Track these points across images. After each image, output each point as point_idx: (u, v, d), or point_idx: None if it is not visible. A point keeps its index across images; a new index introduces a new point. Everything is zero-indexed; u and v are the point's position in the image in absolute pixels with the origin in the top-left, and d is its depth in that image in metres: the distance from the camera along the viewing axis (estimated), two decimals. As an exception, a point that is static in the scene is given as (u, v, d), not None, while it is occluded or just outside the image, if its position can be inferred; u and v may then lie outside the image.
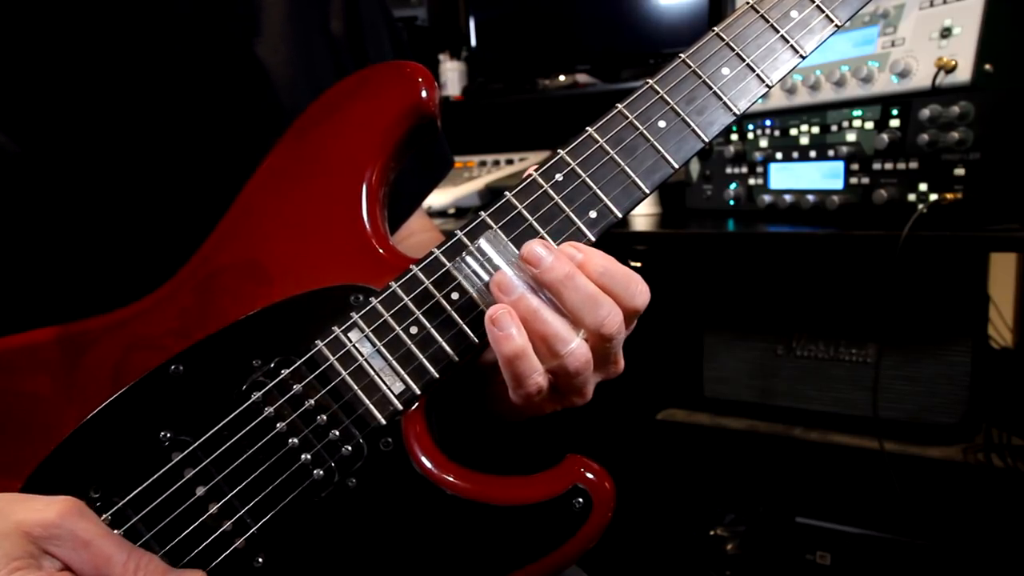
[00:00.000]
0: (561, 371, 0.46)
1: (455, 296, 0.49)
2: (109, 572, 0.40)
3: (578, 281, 0.45)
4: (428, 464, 0.48)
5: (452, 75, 1.83)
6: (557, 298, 0.45)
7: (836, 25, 0.52)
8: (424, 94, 0.51)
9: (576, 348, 0.45)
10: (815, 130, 1.08)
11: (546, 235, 0.49)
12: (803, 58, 0.51)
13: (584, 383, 0.47)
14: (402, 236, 0.72)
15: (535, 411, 0.50)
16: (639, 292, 0.46)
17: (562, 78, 1.70)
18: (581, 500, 0.47)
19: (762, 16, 0.51)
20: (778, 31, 0.51)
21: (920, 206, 0.93)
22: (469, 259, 0.48)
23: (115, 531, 0.44)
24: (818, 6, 0.52)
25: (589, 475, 0.47)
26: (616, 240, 1.22)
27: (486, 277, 0.47)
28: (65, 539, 0.40)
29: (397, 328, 0.48)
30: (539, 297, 0.45)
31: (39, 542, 0.39)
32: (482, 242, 0.47)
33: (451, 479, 0.48)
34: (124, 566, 0.40)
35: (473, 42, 1.79)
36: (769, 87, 0.51)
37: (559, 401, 0.49)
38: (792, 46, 0.51)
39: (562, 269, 0.45)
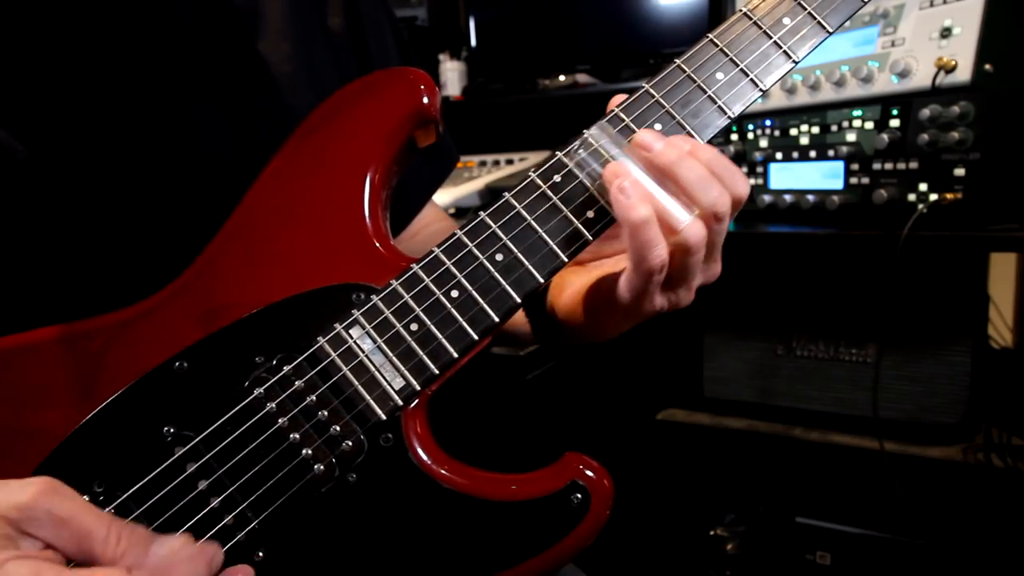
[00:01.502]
0: (678, 250, 0.47)
1: (455, 294, 0.49)
2: (91, 546, 0.40)
3: (691, 162, 0.47)
4: (428, 460, 0.48)
5: (452, 75, 1.83)
6: (672, 178, 0.47)
7: (827, 32, 0.53)
8: (426, 100, 0.52)
9: (692, 224, 0.47)
10: (815, 130, 1.08)
11: (544, 234, 0.50)
12: (796, 63, 0.52)
13: (694, 269, 0.49)
14: (418, 227, 0.74)
15: (640, 312, 0.51)
16: (742, 181, 0.49)
17: (562, 78, 1.71)
18: (579, 496, 0.47)
19: (755, 23, 0.52)
20: (771, 37, 0.52)
21: (920, 206, 0.93)
22: (582, 150, 0.50)
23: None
24: (810, 13, 0.53)
25: (588, 472, 0.48)
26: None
27: (599, 166, 0.49)
28: (42, 519, 0.39)
29: (398, 325, 0.49)
30: (653, 179, 0.47)
31: (17, 524, 0.39)
32: (594, 131, 0.50)
33: (450, 475, 0.48)
34: (106, 539, 0.40)
35: (473, 42, 1.80)
36: (763, 91, 0.52)
37: (668, 294, 0.50)
38: (785, 52, 0.52)
39: (676, 151, 0.47)
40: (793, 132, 1.10)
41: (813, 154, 1.08)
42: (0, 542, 0.38)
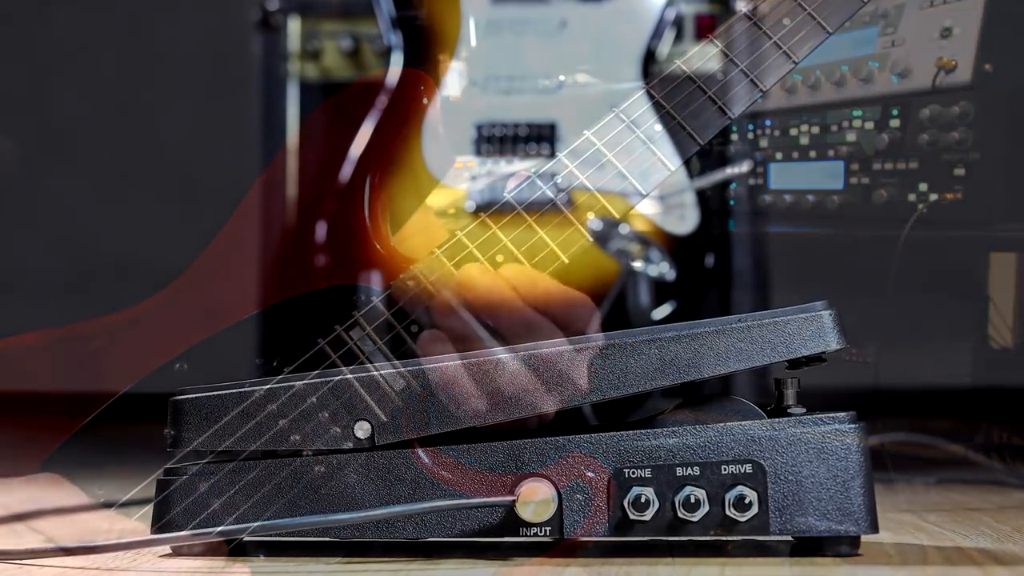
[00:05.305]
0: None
1: (455, 295, 0.49)
2: None
3: (512, 306, 0.45)
4: (429, 462, 0.48)
5: (452, 75, 1.83)
6: (493, 321, 0.46)
7: (828, 32, 0.53)
8: (425, 101, 0.52)
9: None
10: (815, 130, 1.08)
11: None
12: (796, 64, 0.53)
13: None
14: None
15: None
16: (580, 316, 0.47)
17: (562, 78, 1.71)
18: (582, 497, 0.47)
19: (755, 23, 0.53)
20: (771, 38, 0.52)
21: (920, 206, 0.93)
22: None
23: None
24: (810, 14, 0.53)
25: (590, 473, 0.48)
26: (616, 240, 1.22)
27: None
28: None
29: (398, 327, 0.49)
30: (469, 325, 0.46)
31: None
32: None
33: (452, 476, 0.48)
34: None
35: (473, 42, 1.80)
36: (763, 92, 0.52)
37: None
38: (785, 52, 0.53)
39: (497, 295, 0.46)
40: (793, 132, 1.10)
41: (813, 154, 1.08)
42: None
